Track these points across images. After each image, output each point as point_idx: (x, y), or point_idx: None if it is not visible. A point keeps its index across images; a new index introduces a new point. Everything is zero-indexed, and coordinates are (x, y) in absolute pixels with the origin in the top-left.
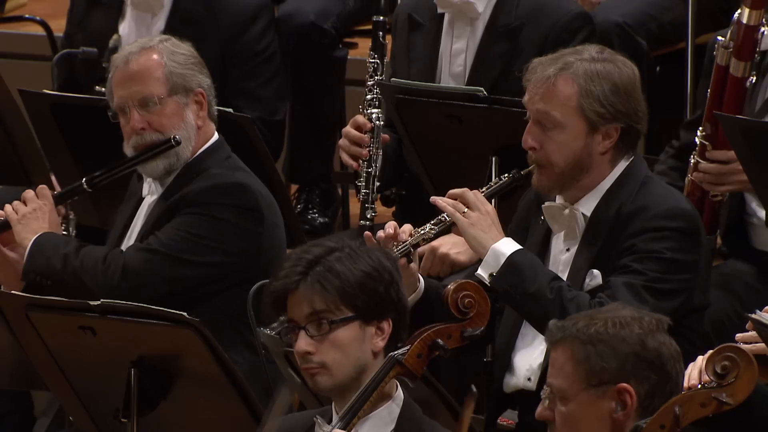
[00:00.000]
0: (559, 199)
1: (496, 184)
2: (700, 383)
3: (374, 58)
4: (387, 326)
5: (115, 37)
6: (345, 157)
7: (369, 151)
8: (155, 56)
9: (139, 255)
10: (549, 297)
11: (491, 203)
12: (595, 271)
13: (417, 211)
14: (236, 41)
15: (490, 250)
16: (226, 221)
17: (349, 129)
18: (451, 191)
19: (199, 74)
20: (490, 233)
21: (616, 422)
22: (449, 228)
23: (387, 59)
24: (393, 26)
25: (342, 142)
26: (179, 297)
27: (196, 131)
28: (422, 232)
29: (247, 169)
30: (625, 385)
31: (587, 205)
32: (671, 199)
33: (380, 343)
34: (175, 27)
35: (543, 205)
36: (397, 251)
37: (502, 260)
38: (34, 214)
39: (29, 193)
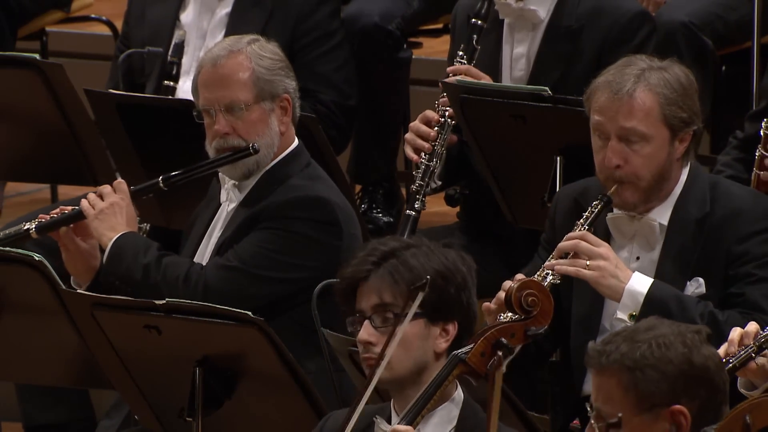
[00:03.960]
0: (618, 210)
1: (591, 215)
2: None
3: (462, 58)
4: (452, 329)
5: (179, 33)
6: (408, 150)
7: (433, 145)
8: (244, 61)
9: (220, 274)
10: (702, 324)
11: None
12: (700, 279)
13: (481, 211)
14: (307, 20)
15: (625, 292)
16: (305, 236)
17: (416, 123)
18: (562, 245)
19: (286, 78)
20: (619, 274)
21: None
22: None
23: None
24: (452, 25)
25: (408, 135)
26: (258, 311)
27: (279, 137)
28: (545, 281)
29: (327, 177)
30: (678, 407)
31: (662, 214)
32: (761, 198)
33: (443, 344)
34: (242, 8)
35: (608, 217)
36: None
37: (641, 299)
38: (112, 209)
39: (106, 188)
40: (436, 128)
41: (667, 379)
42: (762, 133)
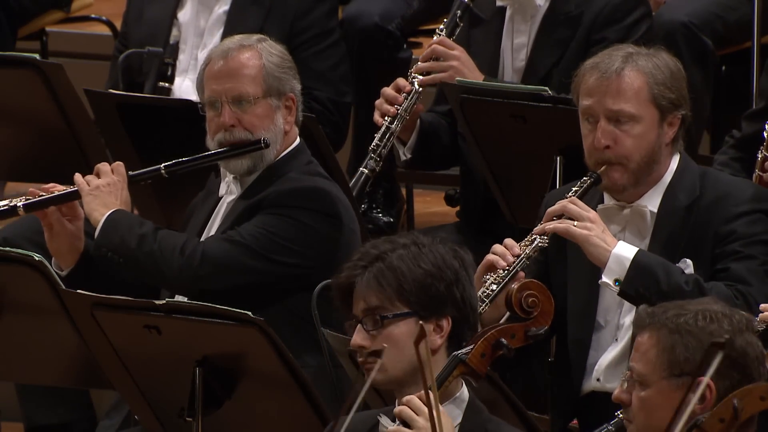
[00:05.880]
0: (609, 200)
1: (581, 188)
2: None
3: (441, 31)
4: (446, 324)
5: (174, 33)
6: (375, 115)
7: (397, 109)
8: (255, 56)
9: (219, 244)
10: (687, 290)
11: None
12: (688, 260)
13: (479, 211)
14: (305, 18)
15: (611, 256)
16: (305, 224)
17: (386, 89)
18: (551, 209)
19: (293, 79)
20: (606, 239)
21: (693, 415)
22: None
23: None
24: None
25: (377, 101)
26: (252, 293)
27: (283, 135)
28: (533, 244)
29: (327, 176)
30: (705, 379)
31: (651, 201)
32: (749, 184)
33: (438, 340)
34: (240, 6)
35: (599, 208)
36: (515, 266)
37: (627, 264)
38: (107, 188)
39: (104, 167)
40: (403, 95)
41: (704, 350)
42: (765, 135)
